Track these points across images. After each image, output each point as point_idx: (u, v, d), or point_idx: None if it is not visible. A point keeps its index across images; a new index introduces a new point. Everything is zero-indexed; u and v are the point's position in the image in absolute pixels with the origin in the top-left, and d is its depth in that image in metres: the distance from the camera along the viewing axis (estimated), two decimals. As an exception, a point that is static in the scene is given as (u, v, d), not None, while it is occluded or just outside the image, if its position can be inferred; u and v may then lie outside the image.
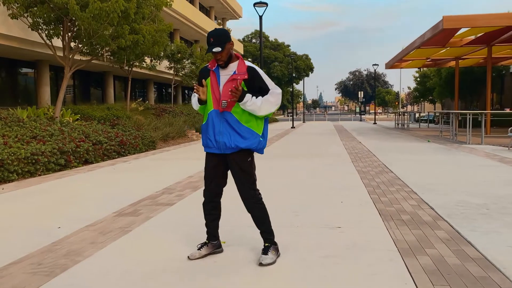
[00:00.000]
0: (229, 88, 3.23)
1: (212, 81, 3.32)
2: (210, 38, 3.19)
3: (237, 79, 3.23)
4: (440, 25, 14.31)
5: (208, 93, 3.33)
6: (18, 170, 7.85)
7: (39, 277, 3.12)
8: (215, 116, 3.30)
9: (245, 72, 3.26)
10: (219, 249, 3.58)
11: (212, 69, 3.32)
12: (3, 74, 15.80)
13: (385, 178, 7.21)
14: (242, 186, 3.35)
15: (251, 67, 3.31)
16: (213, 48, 3.17)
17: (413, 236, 3.94)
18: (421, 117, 35.14)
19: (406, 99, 71.70)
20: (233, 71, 3.28)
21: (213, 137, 3.31)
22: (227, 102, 3.24)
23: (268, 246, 3.38)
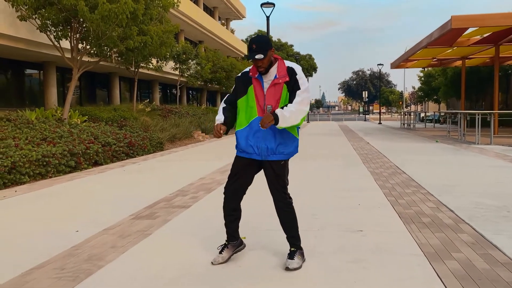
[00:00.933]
0: (272, 92, 3.21)
1: (257, 89, 3.26)
2: (252, 44, 3.13)
3: (279, 83, 3.20)
4: (448, 24, 14.25)
5: (252, 100, 3.27)
6: (29, 172, 7.83)
7: (65, 282, 3.09)
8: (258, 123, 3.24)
9: (285, 75, 3.22)
10: (241, 247, 3.55)
11: (255, 76, 3.27)
12: (10, 75, 15.81)
13: (399, 180, 7.16)
14: (275, 190, 3.32)
15: (290, 68, 3.26)
16: (256, 55, 3.11)
17: (437, 240, 3.90)
18: (427, 117, 35.05)
19: (410, 98, 71.54)
20: (274, 75, 3.23)
21: (255, 143, 3.27)
22: (272, 107, 3.20)
23: (294, 251, 3.35)
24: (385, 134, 20.27)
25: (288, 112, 3.11)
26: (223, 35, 34.81)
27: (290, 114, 3.12)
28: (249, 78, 3.31)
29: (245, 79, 3.33)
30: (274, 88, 3.21)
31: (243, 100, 3.33)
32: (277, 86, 3.21)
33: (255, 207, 5.18)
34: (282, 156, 3.29)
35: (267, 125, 3.07)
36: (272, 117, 3.08)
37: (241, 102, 3.34)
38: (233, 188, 3.38)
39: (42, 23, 11.52)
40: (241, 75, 3.38)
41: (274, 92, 3.21)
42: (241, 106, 3.34)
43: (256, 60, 3.13)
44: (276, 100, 3.21)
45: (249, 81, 3.30)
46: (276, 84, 3.21)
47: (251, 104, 3.28)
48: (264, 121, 3.06)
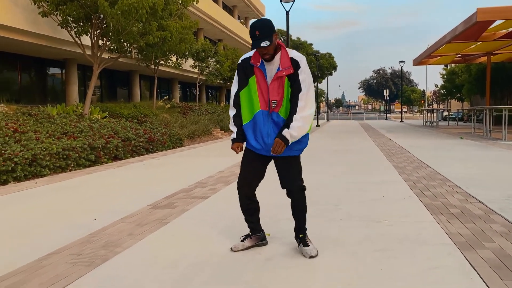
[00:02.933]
0: (276, 87, 2.98)
1: (259, 79, 3.02)
2: (255, 31, 2.85)
3: (282, 76, 2.95)
4: (473, 17, 13.84)
5: (255, 92, 3.04)
6: (50, 165, 7.86)
7: (81, 267, 3.02)
8: (263, 117, 3.04)
9: (289, 67, 2.96)
10: (264, 242, 3.39)
11: (257, 66, 3.01)
12: (33, 73, 16.03)
13: (423, 173, 6.93)
14: (291, 179, 3.12)
15: (294, 60, 2.99)
16: (261, 43, 2.82)
17: (468, 230, 3.70)
18: (450, 115, 34.35)
19: (432, 97, 70.35)
20: (277, 68, 2.97)
21: (261, 139, 3.08)
22: (277, 102, 2.99)
23: (304, 236, 3.22)
24: (408, 131, 19.88)
25: (295, 130, 2.94)
26: (242, 33, 34.76)
27: (298, 131, 2.95)
28: (251, 67, 3.05)
29: (246, 68, 3.07)
30: (277, 82, 2.98)
31: (245, 92, 3.09)
32: (279, 80, 2.98)
33: (273, 196, 5.05)
34: (293, 152, 3.10)
35: (280, 151, 2.93)
36: (283, 143, 2.92)
37: (243, 94, 3.11)
38: (245, 181, 3.20)
39: (63, 19, 11.61)
40: (243, 63, 3.10)
41: (277, 87, 2.98)
42: (243, 98, 3.11)
43: (262, 47, 2.87)
44: (280, 95, 2.99)
45: (251, 71, 3.05)
46: (279, 78, 2.97)
47: (254, 96, 3.05)
48: (276, 150, 2.92)
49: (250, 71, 3.06)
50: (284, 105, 3.02)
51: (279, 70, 2.97)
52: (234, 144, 3.13)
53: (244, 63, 3.10)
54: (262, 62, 3.01)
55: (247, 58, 3.09)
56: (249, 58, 3.08)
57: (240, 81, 3.12)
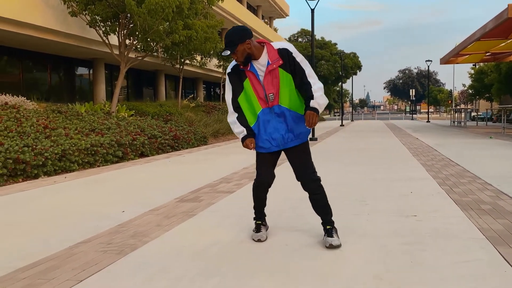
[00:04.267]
0: (270, 80, 3.04)
1: (253, 81, 3.07)
2: (224, 40, 2.99)
3: (274, 68, 3.01)
4: (504, 14, 13.49)
5: (252, 95, 3.10)
6: (78, 161, 8.03)
7: (111, 255, 3.07)
8: (266, 114, 3.11)
9: (278, 58, 3.03)
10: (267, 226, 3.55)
11: (247, 69, 3.06)
12: (62, 72, 16.41)
13: (452, 171, 6.79)
14: (305, 173, 3.16)
15: (281, 49, 3.06)
16: (223, 52, 2.97)
17: (500, 225, 3.61)
18: (478, 115, 33.57)
19: (459, 97, 68.87)
20: (267, 62, 3.03)
21: (269, 136, 3.13)
22: (274, 94, 3.05)
23: (331, 228, 3.20)
24: (435, 131, 19.52)
25: (320, 99, 3.00)
26: (266, 33, 34.78)
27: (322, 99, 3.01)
28: (241, 71, 3.11)
29: (238, 74, 3.12)
30: (270, 75, 3.03)
31: (242, 96, 3.14)
32: (272, 73, 3.03)
33: (295, 190, 5.04)
34: (301, 140, 3.16)
35: (315, 122, 2.94)
36: (315, 114, 2.94)
37: (241, 100, 3.15)
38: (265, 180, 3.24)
39: (91, 19, 11.85)
40: (232, 71, 3.15)
41: (271, 79, 3.04)
42: (242, 103, 3.15)
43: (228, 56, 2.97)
44: (276, 86, 3.04)
45: (243, 75, 3.10)
46: (271, 71, 3.03)
47: (252, 98, 3.10)
48: (311, 122, 2.93)
49: (243, 75, 3.12)
50: (283, 95, 3.06)
51: (269, 64, 3.03)
52: (246, 140, 3.14)
53: (234, 71, 3.15)
54: (252, 65, 3.06)
55: (235, 65, 3.15)
56: (237, 65, 3.13)
57: (236, 88, 3.16)
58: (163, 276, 2.68)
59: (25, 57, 14.48)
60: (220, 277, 2.64)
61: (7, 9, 10.58)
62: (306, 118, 2.95)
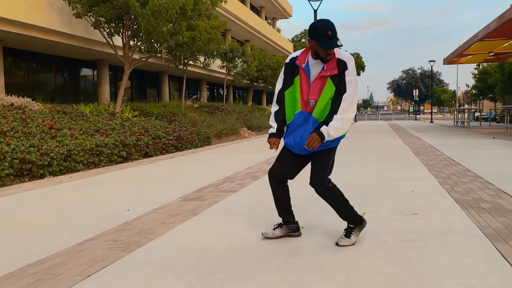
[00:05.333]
0: (317, 86, 2.97)
1: (303, 81, 3.03)
2: (327, 30, 2.83)
3: (326, 76, 2.95)
4: (507, 14, 13.50)
5: (297, 92, 3.05)
6: (83, 161, 8.12)
7: (117, 252, 3.14)
8: (302, 117, 3.05)
9: (334, 67, 2.94)
10: (296, 233, 3.39)
11: (302, 66, 3.02)
12: (66, 73, 16.52)
13: (454, 170, 6.83)
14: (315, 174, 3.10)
15: (341, 60, 2.96)
16: (338, 41, 2.84)
17: (499, 223, 3.66)
18: (482, 116, 33.51)
19: (463, 98, 68.69)
20: (322, 67, 2.97)
21: (292, 138, 3.10)
22: (315, 101, 2.99)
23: (352, 227, 3.19)
24: (438, 131, 19.54)
25: (333, 130, 2.93)
26: (269, 34, 34.85)
27: (336, 131, 2.94)
28: (296, 67, 3.07)
29: (293, 67, 3.09)
30: (319, 81, 2.97)
31: (289, 91, 3.11)
32: (322, 80, 2.96)
33: (303, 190, 5.10)
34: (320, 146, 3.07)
35: (315, 146, 2.91)
36: (319, 139, 2.90)
37: (287, 93, 3.13)
38: (277, 168, 3.20)
39: (96, 20, 11.95)
40: (290, 62, 3.11)
41: (319, 86, 2.97)
42: (287, 97, 3.13)
43: (336, 47, 2.85)
44: (318, 93, 2.98)
45: (297, 71, 3.07)
46: (322, 77, 2.96)
47: (296, 96, 3.07)
48: (310, 145, 2.90)
49: (296, 71, 3.08)
50: (319, 106, 3.00)
51: (323, 69, 2.96)
52: (271, 138, 3.14)
53: (291, 63, 3.11)
54: (307, 63, 3.02)
55: (294, 57, 3.11)
56: (295, 58, 3.09)
57: (286, 80, 3.14)
58: (168, 272, 2.75)
59: (30, 58, 14.60)
60: (225, 273, 2.70)
61: (12, 11, 10.69)
62: (310, 137, 2.91)
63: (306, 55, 3.05)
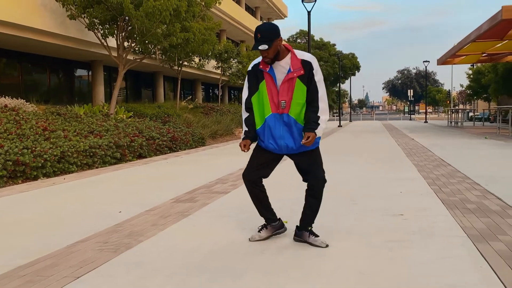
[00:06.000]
0: (286, 87, 3.08)
1: (270, 84, 3.12)
2: (257, 33, 2.98)
3: (293, 77, 3.06)
4: (498, 15, 13.63)
5: (265, 97, 3.15)
6: (77, 162, 8.16)
7: (107, 253, 3.20)
8: (275, 120, 3.15)
9: (300, 68, 3.07)
10: (282, 229, 3.47)
11: (266, 71, 3.12)
12: (61, 74, 16.54)
13: (444, 171, 6.93)
14: (312, 170, 3.19)
15: (305, 61, 3.10)
16: (260, 45, 2.95)
17: (482, 224, 3.74)
18: (475, 116, 33.71)
19: (458, 98, 69.07)
20: (288, 69, 3.08)
21: (274, 141, 3.18)
22: (286, 102, 3.10)
23: (312, 228, 3.32)
24: (431, 131, 19.67)
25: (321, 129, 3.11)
26: (264, 34, 34.87)
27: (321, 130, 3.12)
28: (260, 72, 3.16)
29: (257, 73, 3.18)
30: (287, 83, 3.08)
31: (256, 97, 3.20)
32: (290, 81, 3.08)
33: (292, 192, 5.17)
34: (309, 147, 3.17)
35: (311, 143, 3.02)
36: (314, 135, 3.03)
37: (254, 99, 3.21)
38: (251, 168, 3.28)
39: (90, 22, 11.98)
40: (252, 69, 3.21)
41: (287, 87, 3.08)
42: (254, 103, 3.22)
43: (261, 50, 2.99)
44: (290, 95, 3.09)
45: (261, 76, 3.16)
46: (290, 79, 3.08)
47: (264, 101, 3.15)
48: (308, 141, 3.01)
49: (260, 76, 3.17)
50: (294, 106, 3.10)
51: (290, 71, 3.07)
52: (242, 141, 3.23)
53: (254, 70, 3.21)
54: (271, 67, 3.12)
55: (256, 64, 3.21)
56: (258, 64, 3.19)
57: (251, 87, 3.23)
58: (157, 273, 2.81)
59: (24, 60, 14.61)
60: (211, 274, 2.77)
61: (6, 12, 10.71)
62: (306, 136, 3.02)
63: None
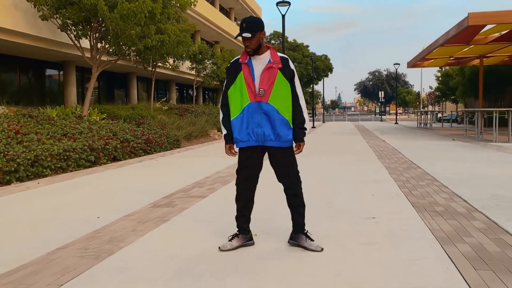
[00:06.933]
0: (266, 76, 3.26)
1: (246, 74, 3.30)
2: (243, 23, 3.22)
3: (273, 67, 3.27)
4: (465, 22, 14.14)
5: (242, 86, 3.30)
6: (51, 166, 8.07)
7: (88, 260, 3.25)
8: (253, 108, 3.29)
9: (279, 61, 3.31)
10: (251, 242, 3.54)
11: (244, 62, 3.32)
12: (31, 74, 16.21)
13: (413, 173, 7.19)
14: (288, 177, 3.37)
15: (283, 56, 3.37)
16: (243, 33, 3.18)
17: (449, 226, 3.96)
18: (444, 117, 34.69)
19: (427, 99, 70.84)
20: (268, 60, 3.30)
21: (251, 129, 3.31)
22: (264, 90, 3.26)
23: (307, 232, 3.44)
24: (401, 133, 20.18)
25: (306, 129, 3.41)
26: (239, 35, 34.96)
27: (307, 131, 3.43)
28: (239, 64, 3.35)
29: (236, 67, 3.37)
30: (268, 72, 3.27)
31: (233, 88, 3.36)
32: (271, 70, 3.27)
33: (271, 195, 5.30)
34: (285, 143, 3.33)
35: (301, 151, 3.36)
36: (304, 142, 3.35)
37: (231, 91, 3.36)
38: (244, 180, 3.42)
39: (62, 23, 11.82)
40: (231, 65, 3.41)
41: (268, 76, 3.27)
42: (232, 93, 3.37)
43: (244, 38, 3.20)
44: (270, 83, 3.27)
45: (239, 68, 3.35)
46: (270, 68, 3.27)
47: (242, 90, 3.31)
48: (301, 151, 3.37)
49: (238, 68, 3.37)
50: (274, 95, 3.29)
51: (270, 62, 3.30)
52: (226, 145, 3.44)
53: (234, 64, 3.42)
54: (250, 59, 3.34)
55: (236, 59, 3.43)
56: (238, 59, 3.41)
57: (230, 79, 3.41)
58: (139, 278, 2.88)
59: (-7, 60, 14.27)
60: (193, 278, 2.86)
61: (-25, 12, 10.46)
62: (298, 147, 3.36)
63: (246, 54, 3.35)
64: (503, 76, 28.56)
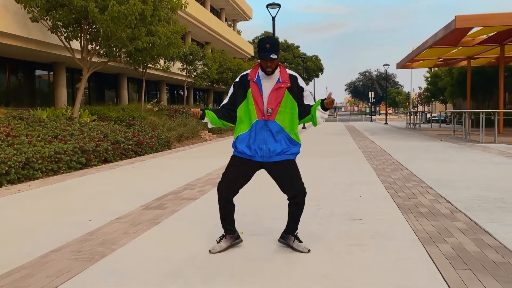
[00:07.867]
0: (275, 96, 3.34)
1: (255, 92, 3.37)
2: (265, 43, 3.24)
3: (282, 87, 3.35)
4: (452, 24, 14.38)
5: (251, 104, 3.38)
6: (42, 168, 8.10)
7: (82, 263, 3.33)
8: (260, 125, 3.38)
9: (288, 80, 3.37)
10: (238, 240, 3.66)
11: (253, 80, 3.39)
12: (21, 76, 16.16)
13: (400, 175, 7.34)
14: (294, 188, 3.43)
15: (292, 75, 3.44)
16: (271, 55, 3.23)
17: (432, 227, 4.09)
18: (433, 117, 35.06)
19: (416, 99, 71.45)
20: (277, 79, 3.37)
21: (257, 145, 3.39)
22: (272, 109, 3.34)
23: (297, 234, 3.55)
24: (391, 133, 20.41)
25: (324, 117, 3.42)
26: (229, 36, 35.08)
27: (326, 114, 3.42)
28: (247, 82, 3.42)
29: (245, 83, 3.43)
30: (276, 91, 3.34)
31: (243, 105, 3.44)
32: (279, 90, 3.34)
33: (260, 198, 5.40)
34: (290, 156, 3.42)
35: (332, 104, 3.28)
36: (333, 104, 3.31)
37: (241, 108, 3.44)
38: (226, 184, 3.47)
39: (53, 24, 11.83)
40: (240, 80, 3.47)
41: (276, 96, 3.34)
42: (241, 111, 3.44)
43: (270, 59, 3.25)
44: (277, 103, 3.36)
45: (248, 85, 3.41)
46: (279, 88, 3.34)
47: (251, 107, 3.39)
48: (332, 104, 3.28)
49: (247, 85, 3.43)
50: (280, 114, 3.36)
51: (279, 81, 3.36)
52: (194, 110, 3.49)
53: (241, 80, 3.48)
54: (258, 77, 3.40)
55: (245, 75, 3.49)
56: (246, 75, 3.47)
57: (239, 95, 3.47)
58: (132, 280, 2.97)
59: (-18, 61, 14.21)
60: (184, 280, 2.96)
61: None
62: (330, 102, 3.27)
63: (256, 71, 3.44)
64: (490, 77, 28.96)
